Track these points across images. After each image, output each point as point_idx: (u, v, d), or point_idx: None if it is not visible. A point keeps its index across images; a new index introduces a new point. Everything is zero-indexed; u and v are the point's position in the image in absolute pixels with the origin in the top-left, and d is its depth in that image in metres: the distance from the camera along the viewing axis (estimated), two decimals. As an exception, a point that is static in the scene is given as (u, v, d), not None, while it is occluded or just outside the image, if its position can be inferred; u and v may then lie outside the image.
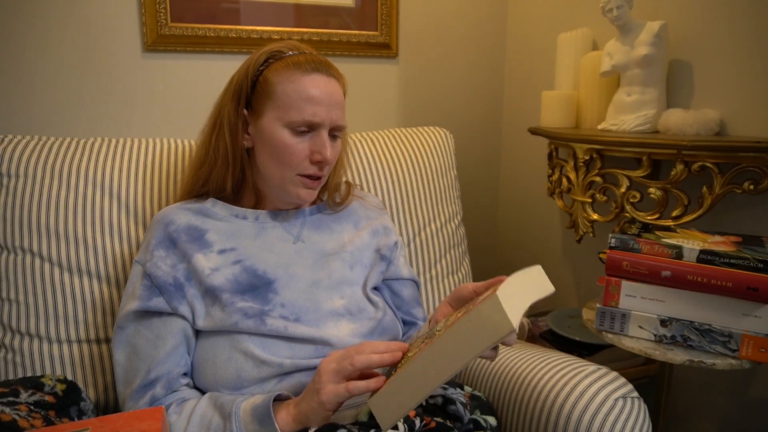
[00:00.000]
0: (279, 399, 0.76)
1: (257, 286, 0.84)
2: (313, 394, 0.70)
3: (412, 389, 0.63)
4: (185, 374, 0.83)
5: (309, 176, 0.87)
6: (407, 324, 1.00)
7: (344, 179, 1.06)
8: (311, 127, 0.85)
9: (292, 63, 0.86)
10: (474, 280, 1.40)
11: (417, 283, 1.04)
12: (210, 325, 0.82)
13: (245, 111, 0.88)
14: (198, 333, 0.84)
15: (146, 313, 0.82)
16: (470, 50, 1.66)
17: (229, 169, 0.89)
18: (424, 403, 0.85)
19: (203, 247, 0.86)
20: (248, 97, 0.88)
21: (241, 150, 0.89)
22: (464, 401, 0.88)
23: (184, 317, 0.83)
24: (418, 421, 0.78)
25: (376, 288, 0.97)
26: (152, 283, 0.83)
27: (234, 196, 0.93)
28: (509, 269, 0.67)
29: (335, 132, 0.89)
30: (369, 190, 1.19)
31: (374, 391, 0.66)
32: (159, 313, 0.82)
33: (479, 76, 1.69)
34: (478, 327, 0.60)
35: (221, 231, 0.88)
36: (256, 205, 0.93)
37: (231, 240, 0.87)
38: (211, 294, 0.83)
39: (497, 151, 1.78)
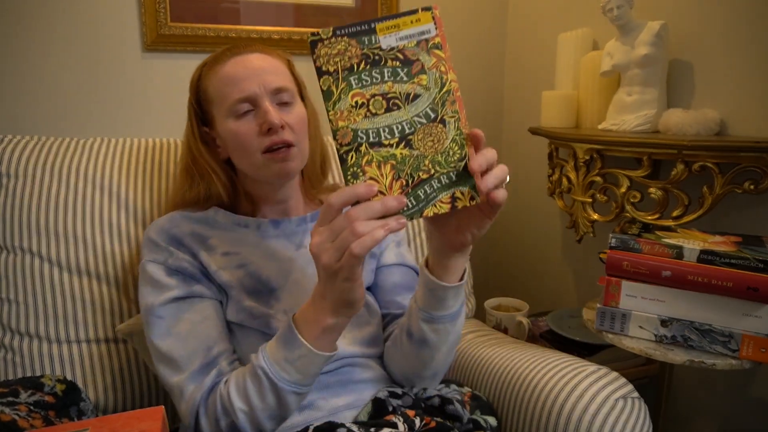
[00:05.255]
0: None
1: (261, 291, 0.84)
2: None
3: None
4: (238, 359, 0.82)
5: (270, 149, 0.82)
6: (389, 317, 0.94)
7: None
8: (252, 104, 0.82)
9: (213, 61, 0.86)
10: (474, 280, 1.40)
11: (411, 268, 0.97)
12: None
13: (206, 129, 0.88)
14: None
15: (186, 299, 0.81)
16: (470, 50, 1.66)
17: (220, 181, 0.88)
18: (422, 405, 0.85)
19: (207, 248, 0.85)
20: (201, 115, 0.88)
21: (221, 163, 0.89)
22: (461, 399, 0.88)
23: (220, 302, 0.84)
24: (418, 421, 0.78)
25: (369, 288, 0.95)
26: (184, 275, 0.82)
27: (232, 204, 0.91)
28: (509, 269, 0.67)
29: (281, 98, 0.84)
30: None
31: None
32: (200, 297, 0.82)
33: (479, 76, 1.69)
34: None
35: (224, 239, 0.87)
36: (254, 212, 0.92)
37: (234, 247, 0.87)
38: (220, 289, 0.84)
39: (497, 151, 1.77)
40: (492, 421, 0.87)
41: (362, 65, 0.59)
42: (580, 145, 1.18)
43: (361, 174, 0.60)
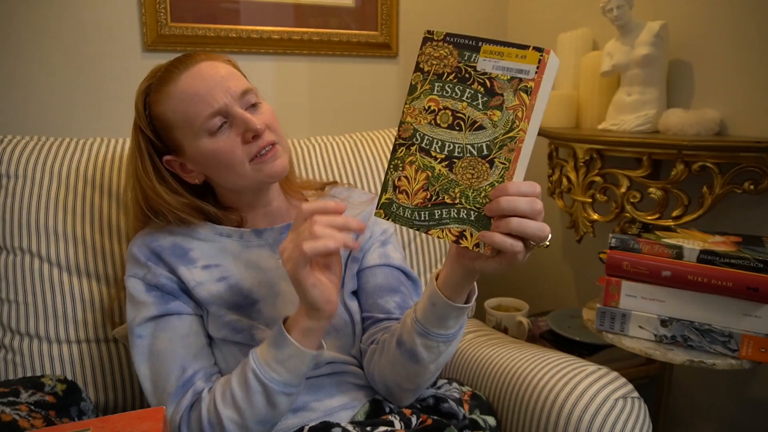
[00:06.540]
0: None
1: (243, 304, 0.82)
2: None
3: None
4: (219, 372, 0.81)
5: (259, 154, 0.80)
6: (371, 320, 0.89)
7: (331, 179, 1.03)
8: (224, 116, 0.78)
9: (160, 84, 0.81)
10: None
11: (396, 268, 0.93)
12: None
13: (170, 158, 0.83)
14: None
15: (164, 317, 0.80)
16: (470, 50, 1.66)
17: (184, 213, 0.84)
18: (418, 405, 0.84)
19: (187, 262, 0.83)
20: (158, 146, 0.83)
21: (181, 197, 0.84)
22: (459, 397, 0.88)
23: (200, 317, 0.82)
24: (414, 419, 0.78)
25: (355, 293, 0.92)
26: (162, 291, 0.81)
27: (214, 218, 0.88)
28: (509, 269, 0.65)
29: (249, 100, 0.81)
30: (369, 191, 1.18)
31: None
32: (178, 314, 0.81)
33: (479, 76, 1.69)
34: None
35: (206, 251, 0.85)
36: (241, 223, 0.89)
37: (215, 258, 0.85)
38: (199, 305, 0.82)
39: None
40: (491, 421, 0.87)
41: (451, 77, 0.60)
42: (580, 145, 1.18)
43: (400, 169, 0.64)
